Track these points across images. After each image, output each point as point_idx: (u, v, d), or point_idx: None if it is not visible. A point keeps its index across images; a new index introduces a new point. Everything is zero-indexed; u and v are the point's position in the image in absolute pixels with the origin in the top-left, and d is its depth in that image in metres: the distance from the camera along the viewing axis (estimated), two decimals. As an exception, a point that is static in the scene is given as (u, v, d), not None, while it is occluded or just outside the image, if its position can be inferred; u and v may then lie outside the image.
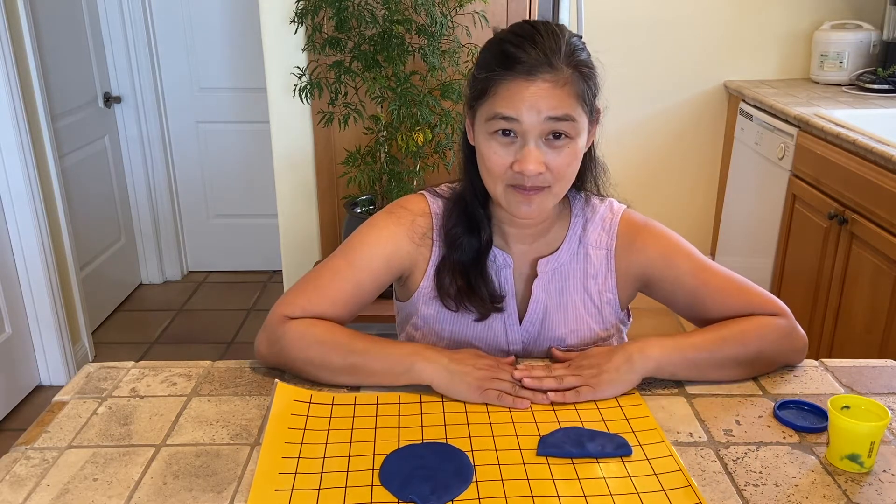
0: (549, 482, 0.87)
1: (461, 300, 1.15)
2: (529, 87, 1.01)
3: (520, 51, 1.01)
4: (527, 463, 0.90)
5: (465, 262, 1.14)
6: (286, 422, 0.98)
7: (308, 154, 2.50)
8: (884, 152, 2.05)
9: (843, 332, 2.28)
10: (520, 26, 1.06)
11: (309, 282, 1.14)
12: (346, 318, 1.14)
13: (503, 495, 0.84)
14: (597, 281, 1.18)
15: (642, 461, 0.91)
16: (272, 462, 0.90)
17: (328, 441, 0.94)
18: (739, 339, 1.08)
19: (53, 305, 2.69)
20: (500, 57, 1.03)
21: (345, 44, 2.11)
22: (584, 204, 1.19)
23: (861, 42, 3.05)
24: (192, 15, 3.41)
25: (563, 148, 1.04)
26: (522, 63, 1.01)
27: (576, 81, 1.03)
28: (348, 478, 0.87)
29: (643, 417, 1.00)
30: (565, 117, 1.02)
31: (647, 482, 0.87)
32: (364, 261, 1.14)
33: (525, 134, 1.02)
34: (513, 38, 1.04)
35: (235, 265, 3.80)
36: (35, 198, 2.58)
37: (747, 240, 3.03)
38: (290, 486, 0.86)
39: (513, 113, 1.01)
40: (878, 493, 0.86)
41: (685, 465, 0.91)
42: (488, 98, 1.04)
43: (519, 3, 2.33)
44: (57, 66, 2.89)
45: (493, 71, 1.03)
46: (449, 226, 1.15)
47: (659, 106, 3.35)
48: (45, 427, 0.98)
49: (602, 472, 0.89)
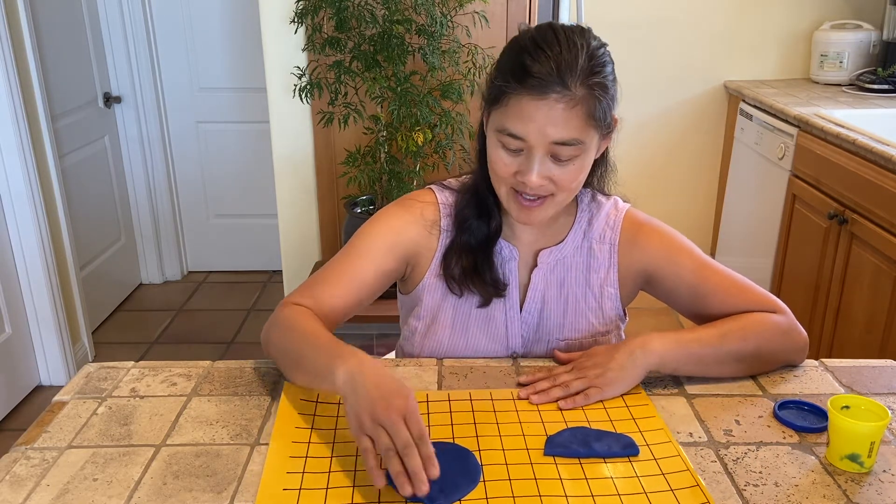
0: (557, 482, 0.87)
1: (465, 283, 1.16)
2: (540, 106, 1.00)
3: (535, 63, 1.00)
4: (534, 463, 0.90)
5: (473, 245, 1.15)
6: (293, 421, 0.98)
7: (308, 154, 2.50)
8: (884, 152, 2.05)
9: (843, 332, 2.28)
10: (542, 31, 1.04)
11: (320, 272, 1.16)
12: (350, 305, 1.14)
13: (511, 495, 0.84)
14: (599, 275, 1.19)
15: (650, 461, 0.91)
16: (280, 461, 0.90)
17: (335, 440, 0.95)
18: (740, 334, 1.08)
19: (53, 305, 2.69)
20: (516, 67, 1.01)
21: (345, 44, 2.11)
22: (591, 199, 1.21)
23: (861, 42, 3.05)
24: (192, 15, 3.40)
25: (569, 163, 1.04)
26: (535, 78, 0.99)
27: (589, 101, 1.01)
28: (356, 477, 0.88)
29: (650, 417, 1.00)
30: (572, 142, 1.02)
31: (654, 482, 0.87)
32: (367, 248, 1.15)
33: (531, 149, 1.03)
34: (531, 47, 1.02)
35: (235, 265, 3.80)
36: (35, 198, 2.58)
37: (747, 240, 3.03)
38: (299, 486, 0.86)
39: (520, 132, 1.02)
40: (878, 493, 0.86)
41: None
42: (500, 107, 1.04)
43: (519, 3, 2.33)
44: (57, 66, 2.89)
45: (507, 81, 1.02)
46: (460, 207, 1.17)
47: (659, 106, 3.35)
48: (45, 427, 0.98)
49: (609, 471, 0.89)
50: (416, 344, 1.22)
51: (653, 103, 3.33)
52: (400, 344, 1.30)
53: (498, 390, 1.07)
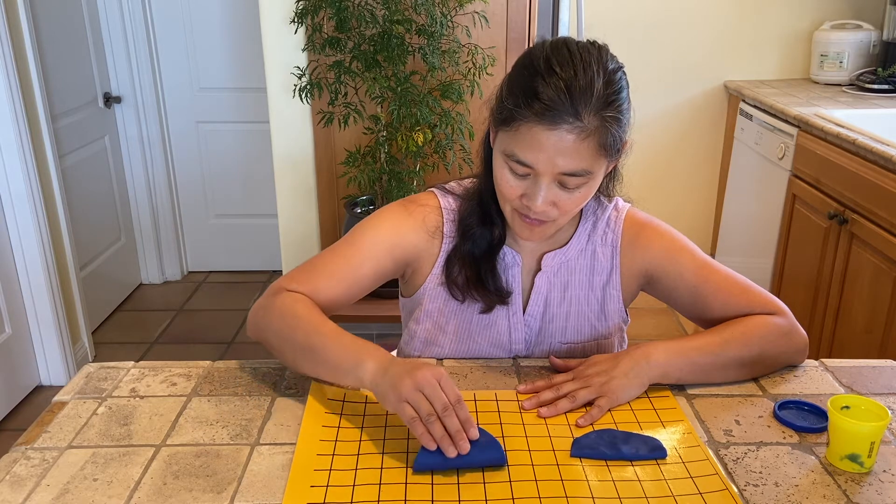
0: (584, 483, 0.86)
1: (468, 290, 1.15)
2: (550, 136, 0.97)
3: (547, 88, 0.96)
4: (560, 464, 0.90)
5: (476, 254, 1.14)
6: (321, 419, 0.99)
7: (308, 154, 2.50)
8: (884, 152, 2.05)
9: (843, 332, 2.28)
10: (557, 50, 1.00)
11: (313, 260, 1.16)
12: (343, 298, 1.14)
13: (537, 496, 0.84)
14: (602, 277, 1.19)
15: (678, 464, 0.90)
16: (307, 459, 0.91)
17: (362, 438, 0.95)
18: (741, 340, 1.08)
19: (53, 305, 2.69)
20: (528, 90, 0.98)
21: (345, 44, 2.11)
22: (596, 203, 1.20)
23: (861, 42, 3.05)
24: (192, 15, 3.40)
25: (575, 190, 1.03)
26: (546, 105, 0.96)
27: (601, 132, 0.98)
28: (382, 474, 0.88)
29: (679, 421, 0.99)
30: (581, 172, 1.00)
31: (682, 485, 0.87)
32: (368, 244, 1.14)
33: (538, 176, 1.01)
34: (544, 69, 0.98)
35: (235, 265, 3.80)
36: (35, 198, 2.58)
37: (747, 240, 3.03)
38: (326, 483, 0.86)
39: (529, 160, 1.00)
40: (878, 493, 0.86)
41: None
42: (509, 130, 1.01)
43: (519, 3, 2.33)
44: (57, 66, 2.89)
45: (518, 105, 0.98)
46: (463, 215, 1.16)
47: (659, 106, 3.35)
48: (45, 427, 0.98)
49: (637, 474, 0.88)
50: (418, 349, 1.22)
51: (653, 103, 3.33)
52: (401, 346, 1.30)
53: (502, 391, 1.07)
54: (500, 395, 1.05)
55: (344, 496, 0.84)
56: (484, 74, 2.15)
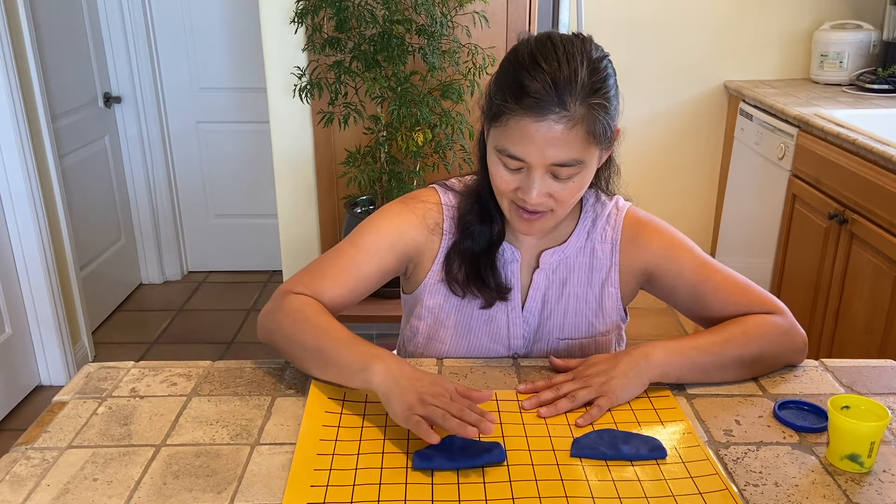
0: (584, 483, 0.87)
1: (468, 286, 1.16)
2: (539, 128, 0.98)
3: (532, 81, 0.98)
4: (560, 464, 0.90)
5: (476, 251, 1.15)
6: (321, 419, 0.99)
7: (308, 154, 2.50)
8: (884, 152, 2.05)
9: (843, 332, 2.28)
10: (540, 43, 1.01)
11: (317, 262, 1.17)
12: (349, 298, 1.15)
13: (537, 496, 0.84)
14: (601, 275, 1.19)
15: (678, 464, 0.90)
16: (307, 459, 0.91)
17: (362, 438, 0.95)
18: (741, 339, 1.08)
19: (53, 305, 2.69)
20: (514, 85, 1.00)
21: (345, 44, 2.11)
22: (595, 200, 1.20)
23: (861, 42, 3.05)
24: (192, 15, 3.40)
25: (568, 181, 1.04)
26: (532, 97, 0.97)
27: (589, 119, 0.99)
28: (382, 474, 0.88)
29: (679, 421, 0.99)
30: (572, 162, 1.01)
31: (682, 485, 0.87)
32: (370, 244, 1.16)
33: (531, 169, 1.02)
34: (529, 63, 1.00)
35: (235, 265, 3.80)
36: (35, 198, 2.58)
37: (747, 240, 3.03)
38: (326, 483, 0.86)
39: (520, 154, 1.01)
40: (878, 493, 0.86)
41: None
42: (499, 126, 1.03)
43: (519, 3, 2.33)
44: (57, 66, 2.89)
45: (505, 100, 1.00)
46: (463, 212, 1.17)
47: (659, 106, 3.35)
48: (45, 427, 0.98)
49: (637, 474, 0.88)
50: (420, 346, 1.22)
51: (653, 103, 3.33)
52: (401, 343, 1.30)
53: (502, 391, 1.07)
54: (499, 395, 1.05)
55: (344, 496, 0.84)
56: (484, 74, 2.15)
